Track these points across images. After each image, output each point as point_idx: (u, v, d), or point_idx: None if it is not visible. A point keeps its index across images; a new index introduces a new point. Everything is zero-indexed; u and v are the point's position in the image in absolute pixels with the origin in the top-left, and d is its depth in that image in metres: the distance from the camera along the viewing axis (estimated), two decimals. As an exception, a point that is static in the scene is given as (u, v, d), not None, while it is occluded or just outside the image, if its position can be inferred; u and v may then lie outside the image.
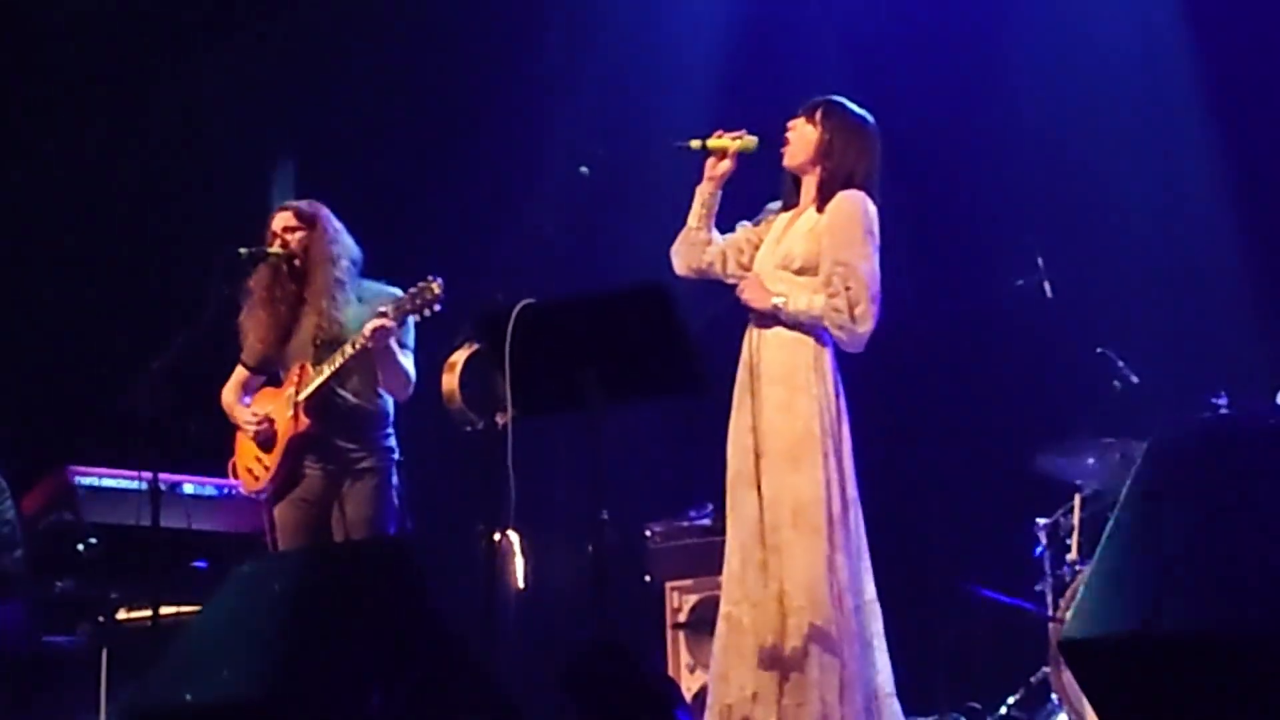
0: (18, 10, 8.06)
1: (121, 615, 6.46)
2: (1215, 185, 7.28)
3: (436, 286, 5.51)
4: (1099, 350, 6.68)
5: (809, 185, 5.17)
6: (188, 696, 4.00)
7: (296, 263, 5.81)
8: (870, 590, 5.00)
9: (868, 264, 4.98)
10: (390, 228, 7.11)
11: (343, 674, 3.87)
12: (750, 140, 5.22)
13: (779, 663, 4.86)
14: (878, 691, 4.94)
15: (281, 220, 5.86)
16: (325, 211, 5.87)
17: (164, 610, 5.81)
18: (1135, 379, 6.62)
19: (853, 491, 5.01)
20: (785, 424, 4.98)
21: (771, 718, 4.83)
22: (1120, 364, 6.64)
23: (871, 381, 7.10)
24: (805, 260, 5.04)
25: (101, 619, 6.42)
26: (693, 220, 5.28)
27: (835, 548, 4.90)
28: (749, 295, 5.08)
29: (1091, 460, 6.56)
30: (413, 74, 8.21)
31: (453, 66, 8.17)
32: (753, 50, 7.87)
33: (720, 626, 5.06)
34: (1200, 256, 7.22)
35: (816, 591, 4.85)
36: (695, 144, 5.24)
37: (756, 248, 5.25)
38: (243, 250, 5.80)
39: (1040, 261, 6.80)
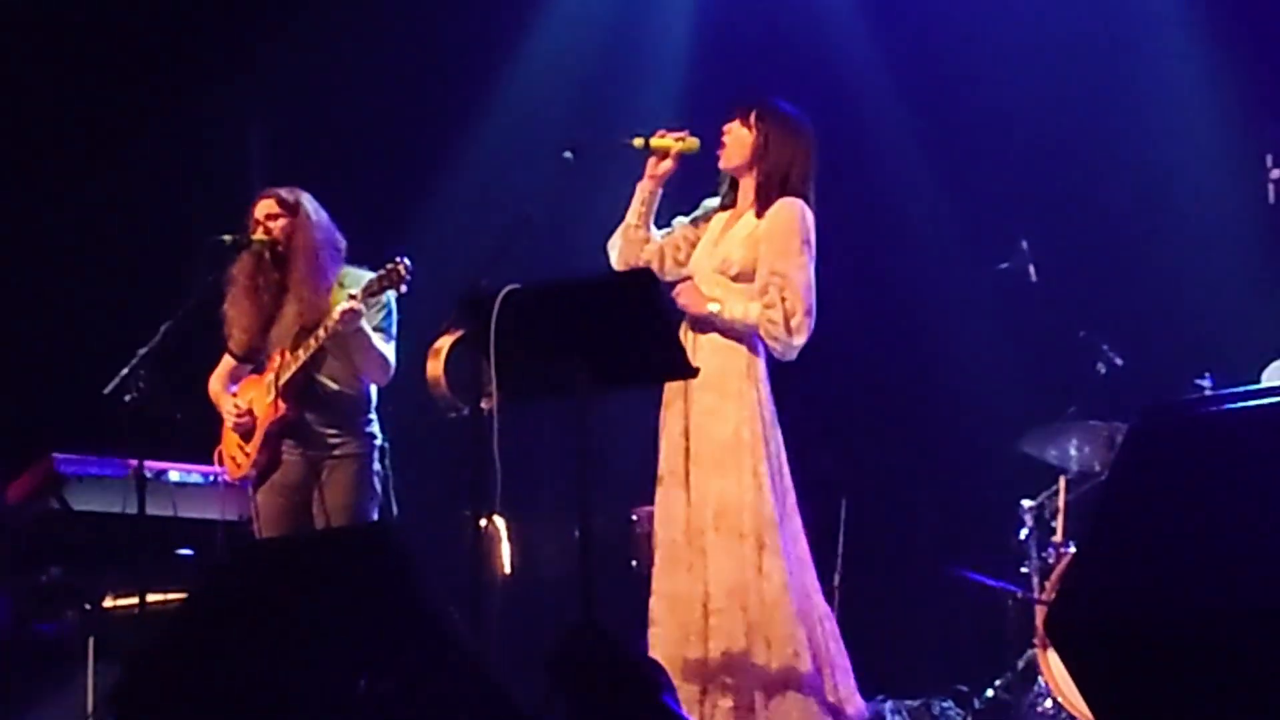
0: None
1: (108, 603, 6.45)
2: (1198, 166, 7.29)
3: (403, 268, 5.52)
4: (1082, 333, 6.71)
5: (746, 187, 5.19)
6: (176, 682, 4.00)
7: (279, 249, 5.80)
8: (817, 591, 5.00)
9: (804, 274, 5.00)
10: (374, 214, 7.10)
11: (328, 661, 3.87)
12: (693, 142, 5.24)
13: (701, 664, 4.87)
14: (837, 686, 4.93)
15: (264, 207, 5.84)
16: (307, 198, 5.85)
17: (150, 598, 5.80)
18: (1119, 361, 6.65)
19: (790, 498, 5.01)
20: (714, 429, 5.00)
21: (695, 716, 4.83)
22: (1104, 346, 6.67)
23: (857, 365, 7.15)
24: (743, 266, 5.06)
25: (88, 607, 6.41)
26: (631, 217, 5.29)
27: (767, 551, 4.89)
28: (685, 300, 5.08)
29: (1076, 442, 6.58)
30: (395, 62, 8.19)
31: (434, 53, 8.15)
32: (743, 35, 7.85)
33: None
34: (1183, 238, 7.24)
35: (742, 595, 4.86)
36: (638, 142, 5.25)
37: (694, 246, 5.26)
38: (226, 237, 5.79)
39: (1024, 245, 6.82)
